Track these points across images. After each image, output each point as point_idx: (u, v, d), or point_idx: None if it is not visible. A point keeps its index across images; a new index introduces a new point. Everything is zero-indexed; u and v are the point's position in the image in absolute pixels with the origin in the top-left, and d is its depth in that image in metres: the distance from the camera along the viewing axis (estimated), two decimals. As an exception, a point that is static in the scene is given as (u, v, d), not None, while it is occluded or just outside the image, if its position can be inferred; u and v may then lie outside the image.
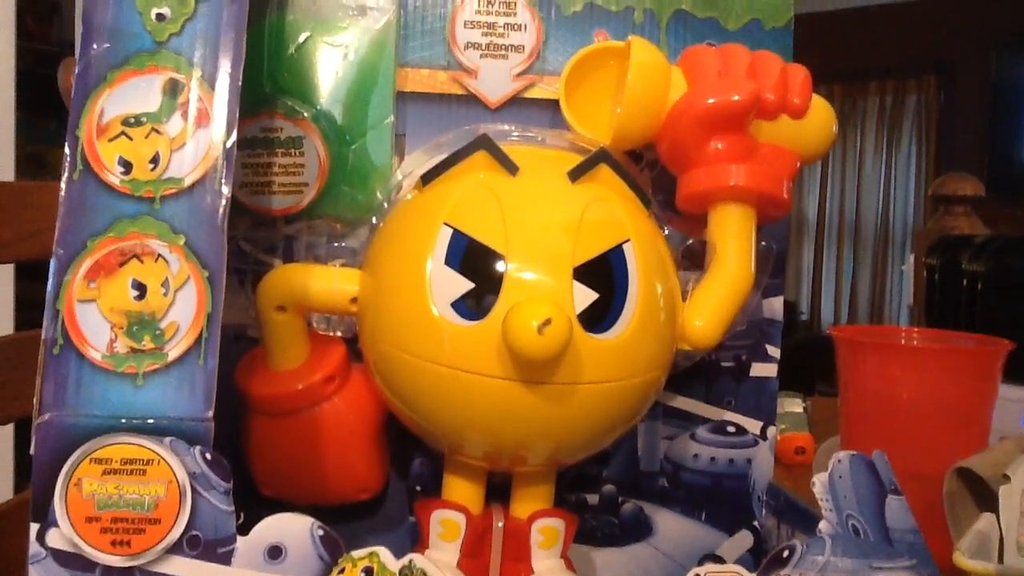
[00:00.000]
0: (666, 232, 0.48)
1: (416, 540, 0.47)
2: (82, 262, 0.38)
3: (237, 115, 0.40)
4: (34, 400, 0.36)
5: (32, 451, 0.36)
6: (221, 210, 0.39)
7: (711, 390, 0.53)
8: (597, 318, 0.41)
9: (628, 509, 0.54)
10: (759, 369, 0.54)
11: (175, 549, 0.37)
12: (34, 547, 0.36)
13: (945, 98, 4.02)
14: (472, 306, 0.40)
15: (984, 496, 0.59)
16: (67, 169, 0.38)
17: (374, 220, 0.48)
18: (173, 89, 0.40)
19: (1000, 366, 0.68)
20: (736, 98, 0.44)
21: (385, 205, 0.48)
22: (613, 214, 0.43)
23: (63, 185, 0.38)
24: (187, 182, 0.39)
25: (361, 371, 0.47)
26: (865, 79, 4.04)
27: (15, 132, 1.71)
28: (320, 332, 0.48)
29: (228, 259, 0.39)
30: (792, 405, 0.93)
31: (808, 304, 4.24)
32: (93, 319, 0.37)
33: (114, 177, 0.39)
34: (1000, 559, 0.43)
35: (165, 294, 0.38)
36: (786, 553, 0.40)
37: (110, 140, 0.39)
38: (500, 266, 0.40)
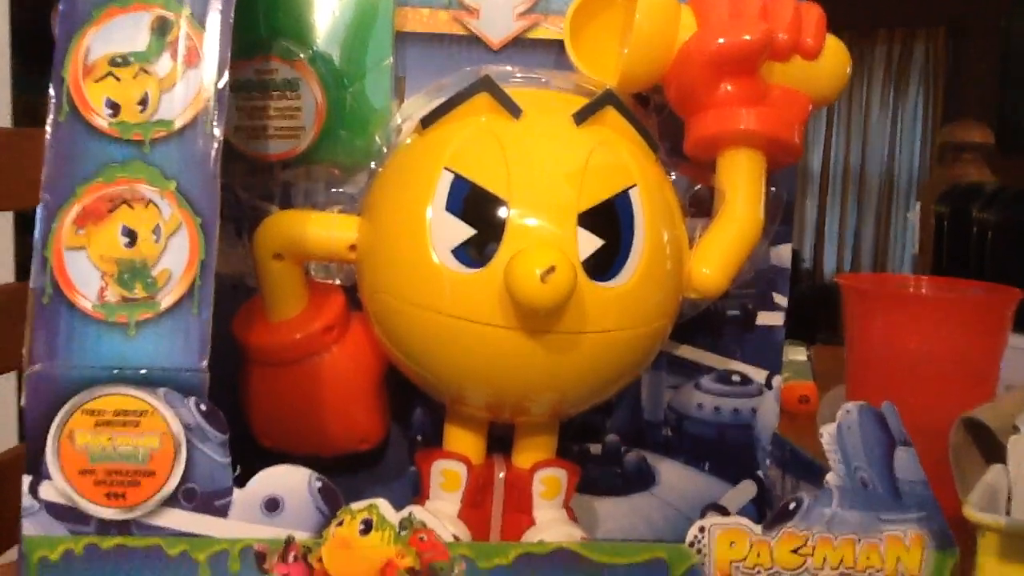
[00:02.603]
0: (673, 178, 0.47)
1: (417, 491, 0.46)
2: (70, 208, 0.37)
3: (229, 55, 0.38)
4: (23, 351, 0.35)
5: (23, 403, 0.35)
6: (213, 154, 0.38)
7: (717, 339, 0.53)
8: (602, 266, 0.40)
9: (631, 459, 0.53)
10: (765, 318, 0.53)
11: (171, 501, 0.36)
12: (27, 500, 0.36)
13: (954, 50, 3.96)
14: (473, 253, 0.39)
15: (991, 447, 0.59)
16: (53, 111, 0.37)
17: (373, 165, 0.47)
18: (162, 27, 0.38)
19: (1010, 315, 0.67)
20: (747, 38, 0.43)
21: (384, 150, 0.47)
22: (619, 158, 0.42)
23: (49, 128, 0.37)
24: (177, 125, 0.38)
25: (361, 320, 0.46)
26: (874, 28, 3.98)
27: (11, 83, 1.68)
28: (319, 281, 0.47)
29: (222, 206, 0.38)
30: (796, 354, 0.93)
31: (811, 253, 4.23)
32: (83, 267, 0.37)
33: (101, 120, 0.38)
34: (1008, 511, 0.43)
35: (156, 241, 0.37)
36: (792, 505, 0.39)
37: (96, 81, 0.38)
38: (502, 212, 0.39)
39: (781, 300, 0.53)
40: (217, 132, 0.38)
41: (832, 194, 4.20)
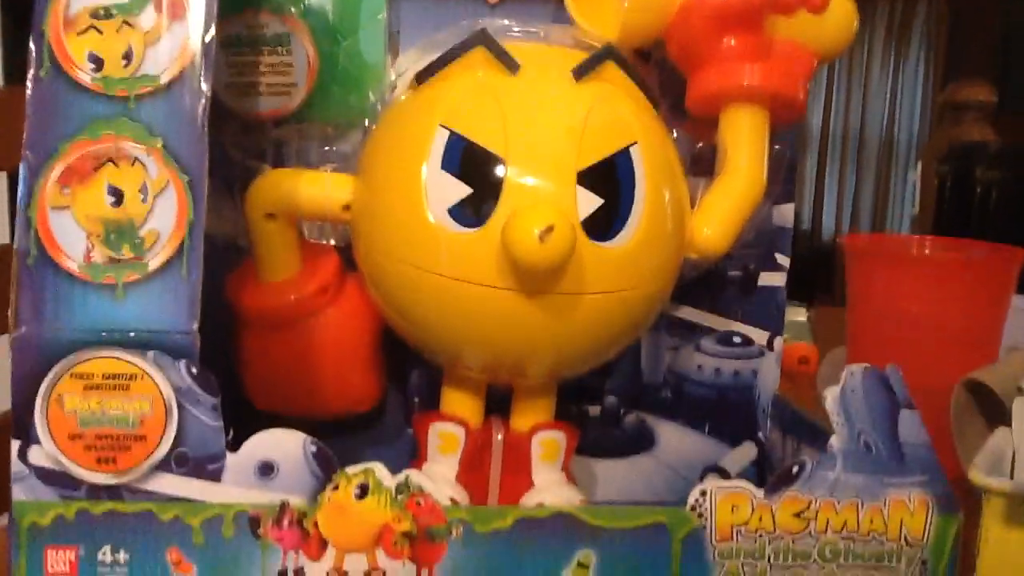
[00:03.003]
0: (675, 136, 0.46)
1: (414, 454, 0.46)
2: (53, 167, 0.36)
3: (216, 7, 0.37)
4: (8, 313, 0.35)
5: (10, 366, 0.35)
6: (201, 110, 0.37)
7: (717, 300, 0.52)
8: (602, 225, 0.39)
9: (630, 421, 0.53)
10: (767, 278, 0.52)
11: (163, 466, 0.36)
12: (16, 465, 0.35)
13: (955, 8, 3.92)
14: (470, 212, 0.39)
15: (993, 410, 0.59)
16: (33, 66, 0.36)
17: (367, 123, 0.46)
18: (146, -23, 0.37)
19: (1014, 276, 0.66)
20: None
21: (378, 107, 0.46)
22: (620, 115, 0.41)
23: (29, 84, 0.36)
24: (163, 80, 0.37)
25: (355, 281, 0.45)
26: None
27: (1, 42, 1.66)
28: (312, 241, 0.47)
29: (213, 164, 0.37)
30: (795, 314, 0.92)
31: (810, 213, 4.22)
32: (68, 228, 0.36)
33: (84, 75, 0.36)
34: (1012, 475, 0.42)
35: (143, 201, 0.36)
36: (795, 469, 0.39)
37: (78, 34, 0.37)
38: (499, 170, 0.39)
39: (783, 260, 0.52)
40: (204, 88, 0.37)
41: (832, 154, 4.18)
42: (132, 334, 0.35)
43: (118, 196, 0.36)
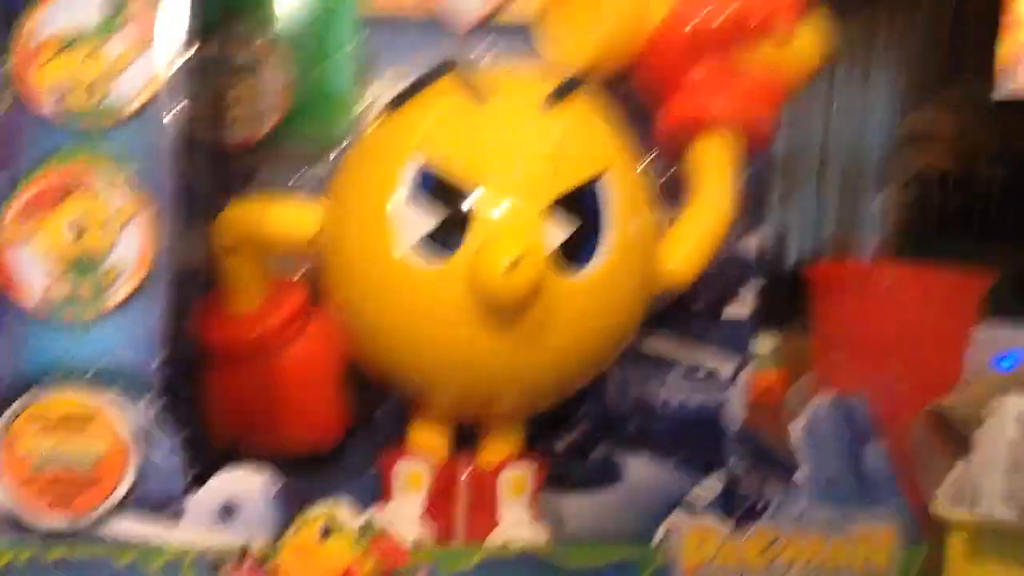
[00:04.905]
0: (644, 164, 0.46)
1: (380, 490, 0.45)
2: (13, 202, 0.35)
3: (184, 37, 0.37)
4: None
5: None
6: (168, 142, 0.36)
7: (684, 332, 0.52)
8: (571, 255, 0.39)
9: (597, 454, 0.52)
10: (733, 310, 0.52)
11: (119, 509, 0.35)
12: (-33, 508, 0.34)
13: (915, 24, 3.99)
14: (438, 245, 0.38)
15: (956, 440, 0.59)
16: (-6, 98, 0.35)
17: (337, 152, 0.46)
18: (112, 6, 0.36)
19: (977, 301, 0.67)
20: (718, 22, 0.42)
21: (349, 135, 0.46)
22: (591, 144, 0.41)
23: (-10, 117, 0.35)
24: (129, 111, 0.36)
25: (322, 315, 0.44)
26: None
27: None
28: (279, 274, 0.46)
29: (180, 195, 0.36)
30: (763, 343, 0.93)
31: (773, 240, 4.26)
32: (27, 263, 0.35)
33: (48, 107, 0.36)
34: (973, 506, 0.43)
35: (106, 235, 0.35)
36: (761, 505, 0.39)
37: (42, 65, 0.36)
38: (469, 201, 0.38)
39: (749, 292, 0.52)
40: (171, 119, 0.36)
41: (797, 178, 4.23)
42: (91, 372, 0.35)
43: (79, 231, 0.35)
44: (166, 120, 0.36)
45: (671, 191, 0.47)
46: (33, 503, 0.34)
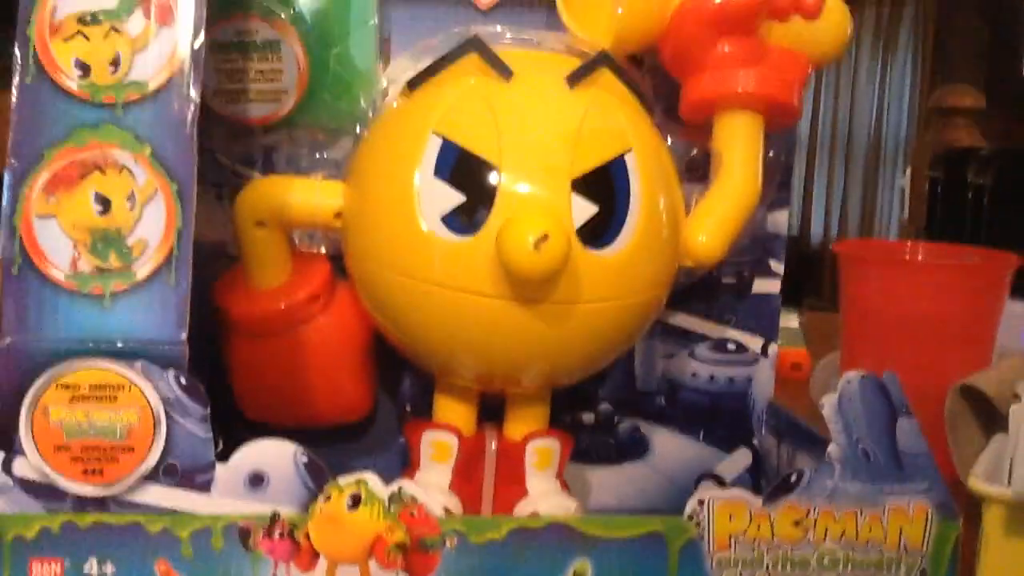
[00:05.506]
0: (669, 142, 0.45)
1: (406, 462, 0.45)
2: (39, 174, 0.35)
3: (205, 13, 0.37)
4: (-7, 322, 0.34)
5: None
6: (190, 117, 0.36)
7: (712, 307, 0.52)
8: (596, 233, 0.39)
9: (625, 428, 0.52)
10: (761, 285, 0.52)
11: (150, 477, 0.35)
12: (0, 477, 0.34)
13: (943, 8, 3.94)
14: (463, 221, 0.38)
15: (988, 415, 0.58)
16: (18, 73, 0.36)
17: (358, 129, 0.46)
18: (133, -18, 0.36)
19: (1007, 281, 0.66)
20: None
21: (370, 113, 0.46)
22: (614, 122, 0.41)
23: (15, 91, 0.36)
24: (151, 87, 0.36)
25: (347, 289, 0.44)
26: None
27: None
28: (303, 248, 0.46)
29: (202, 171, 0.37)
30: (787, 320, 0.92)
31: (798, 218, 4.23)
32: (54, 236, 0.35)
33: (71, 81, 0.36)
34: (1010, 482, 0.42)
35: (131, 208, 0.35)
36: (794, 477, 0.39)
37: (65, 40, 0.36)
38: (493, 178, 0.38)
39: (777, 267, 0.52)
40: (193, 94, 0.36)
41: (820, 158, 4.19)
42: (119, 344, 0.35)
43: (105, 204, 0.35)
44: (187, 96, 0.36)
45: (697, 168, 0.47)
46: (66, 471, 0.35)
